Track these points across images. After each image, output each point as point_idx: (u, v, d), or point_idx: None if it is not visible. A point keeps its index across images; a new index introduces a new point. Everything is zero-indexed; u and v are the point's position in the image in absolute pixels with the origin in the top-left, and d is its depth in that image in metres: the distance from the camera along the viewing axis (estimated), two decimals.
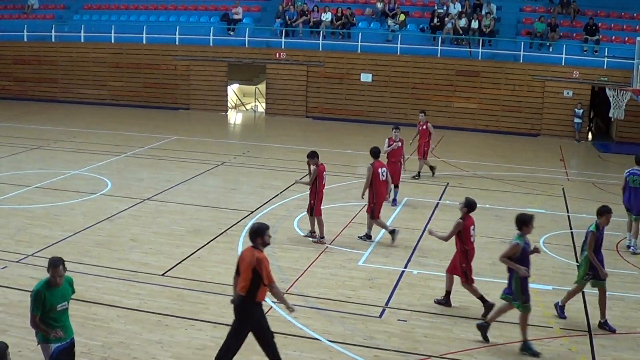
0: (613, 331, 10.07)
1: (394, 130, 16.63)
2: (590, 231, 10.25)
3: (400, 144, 16.48)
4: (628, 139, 26.91)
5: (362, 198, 13.86)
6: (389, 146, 16.45)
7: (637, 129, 26.77)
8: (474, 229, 10.61)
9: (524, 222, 9.39)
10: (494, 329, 10.01)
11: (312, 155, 13.54)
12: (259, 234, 8.03)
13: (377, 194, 13.56)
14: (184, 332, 9.56)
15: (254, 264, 7.84)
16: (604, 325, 10.18)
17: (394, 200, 16.52)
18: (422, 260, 12.89)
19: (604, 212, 10.31)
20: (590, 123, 29.59)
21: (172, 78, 31.69)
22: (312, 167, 13.53)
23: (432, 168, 19.77)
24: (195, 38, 31.41)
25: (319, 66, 29.95)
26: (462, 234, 10.45)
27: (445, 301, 10.83)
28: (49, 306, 7.12)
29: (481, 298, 10.50)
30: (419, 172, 19.51)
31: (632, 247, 13.93)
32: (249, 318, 8.01)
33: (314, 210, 13.50)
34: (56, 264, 7.22)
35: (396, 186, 16.50)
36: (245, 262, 7.95)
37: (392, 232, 13.65)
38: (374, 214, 13.61)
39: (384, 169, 13.83)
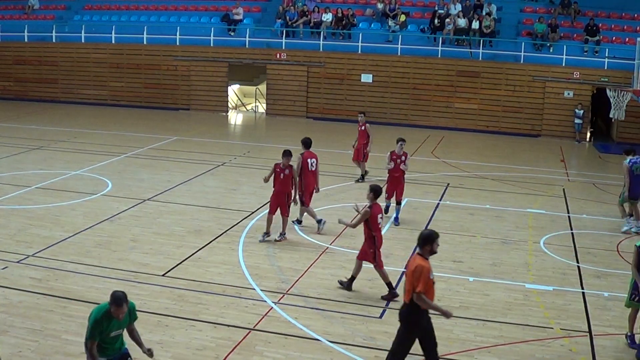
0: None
1: (399, 142, 15.25)
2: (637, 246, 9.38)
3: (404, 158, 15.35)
4: (629, 139, 26.87)
5: (292, 188, 13.86)
6: (391, 161, 15.12)
7: (638, 130, 26.77)
8: (381, 217, 11.01)
9: None
10: (493, 329, 10.02)
11: (289, 154, 13.65)
12: (429, 242, 7.94)
13: (305, 183, 14.24)
14: (184, 333, 9.55)
15: (412, 271, 7.76)
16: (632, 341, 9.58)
17: (396, 219, 15.14)
18: None
19: None
20: (591, 124, 29.56)
21: (172, 78, 31.71)
22: (291, 164, 13.61)
23: (363, 175, 18.95)
24: (196, 38, 31.43)
25: (319, 67, 29.96)
26: (370, 221, 10.83)
27: (347, 285, 11.18)
28: (105, 333, 7.05)
29: (389, 284, 10.95)
30: (362, 175, 18.89)
31: (633, 228, 14.78)
32: (416, 325, 7.89)
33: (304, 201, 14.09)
34: (119, 302, 6.88)
35: (398, 203, 15.19)
36: (409, 270, 7.87)
37: (319, 222, 14.28)
38: (303, 202, 14.30)
39: (314, 159, 14.43)
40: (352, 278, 11.25)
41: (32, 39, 33.36)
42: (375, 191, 10.96)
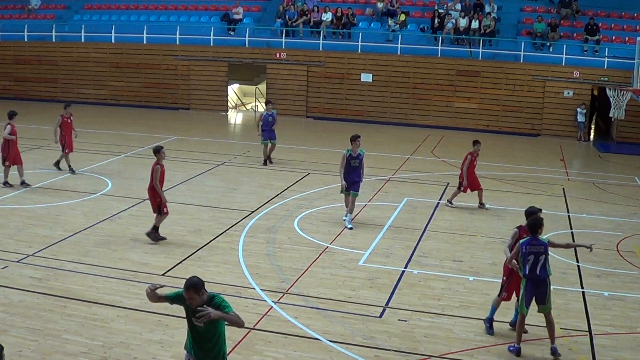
0: None
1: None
2: None
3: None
4: (628, 139, 26.92)
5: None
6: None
7: (638, 129, 26.78)
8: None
9: None
10: (494, 328, 10.02)
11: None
12: None
13: (11, 147, 16.84)
14: (184, 332, 9.47)
15: None
16: None
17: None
18: (422, 260, 12.89)
19: None
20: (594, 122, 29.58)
21: (172, 78, 31.70)
22: None
23: (62, 165, 18.68)
24: (196, 38, 31.42)
25: (319, 66, 29.96)
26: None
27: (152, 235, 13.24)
28: (188, 314, 6.84)
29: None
30: (69, 167, 18.57)
31: (347, 221, 14.66)
32: None
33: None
34: (187, 287, 6.57)
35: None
36: None
37: (22, 183, 16.84)
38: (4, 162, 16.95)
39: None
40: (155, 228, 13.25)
41: (32, 38, 33.36)
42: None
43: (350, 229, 14.41)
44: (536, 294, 9.11)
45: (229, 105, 32.63)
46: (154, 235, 13.26)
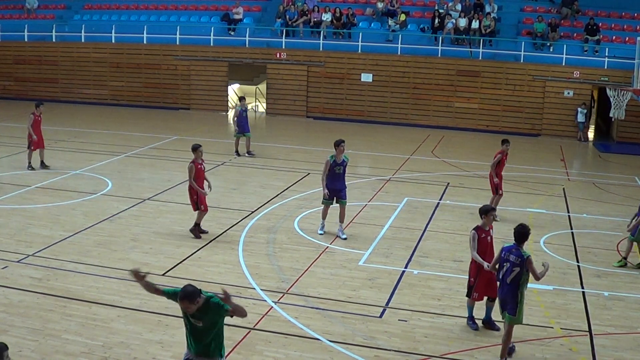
0: None
1: (487, 214, 10.50)
2: None
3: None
4: (628, 139, 26.90)
5: None
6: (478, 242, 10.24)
7: (638, 129, 26.76)
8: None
9: None
10: (497, 327, 10.02)
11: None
12: None
13: None
14: (184, 332, 9.51)
15: None
16: None
17: (489, 321, 10.20)
18: (423, 260, 12.89)
19: None
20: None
21: (172, 78, 31.70)
22: None
23: (39, 165, 18.94)
24: (196, 38, 31.42)
25: (319, 66, 29.95)
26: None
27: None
28: (185, 316, 6.93)
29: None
30: (43, 162, 18.93)
31: (339, 232, 13.97)
32: None
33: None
34: (182, 297, 6.69)
35: (493, 300, 9.96)
36: None
37: None
38: None
39: None
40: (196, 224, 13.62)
41: (32, 38, 33.35)
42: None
43: (345, 239, 13.83)
44: (509, 303, 8.89)
45: (229, 105, 32.63)
46: (195, 231, 13.63)
